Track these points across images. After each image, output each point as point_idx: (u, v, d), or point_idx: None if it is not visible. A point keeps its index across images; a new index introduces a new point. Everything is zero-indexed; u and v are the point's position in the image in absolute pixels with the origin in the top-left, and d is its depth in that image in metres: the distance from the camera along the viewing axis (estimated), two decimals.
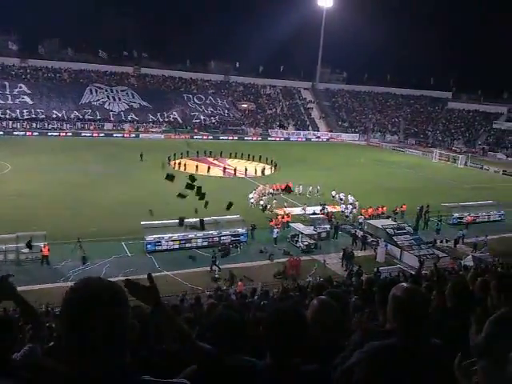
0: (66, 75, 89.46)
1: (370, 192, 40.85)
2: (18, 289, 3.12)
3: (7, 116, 73.85)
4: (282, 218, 31.33)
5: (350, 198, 37.74)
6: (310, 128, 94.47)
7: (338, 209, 36.11)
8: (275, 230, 28.51)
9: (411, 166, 61.51)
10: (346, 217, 34.79)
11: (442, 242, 29.94)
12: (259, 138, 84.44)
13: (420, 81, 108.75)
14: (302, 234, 28.47)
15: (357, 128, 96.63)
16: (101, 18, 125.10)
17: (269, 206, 34.87)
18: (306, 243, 28.04)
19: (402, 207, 35.65)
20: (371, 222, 31.70)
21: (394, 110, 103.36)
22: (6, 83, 79.92)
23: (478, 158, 73.25)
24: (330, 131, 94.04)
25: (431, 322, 3.78)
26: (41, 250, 23.38)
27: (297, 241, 28.47)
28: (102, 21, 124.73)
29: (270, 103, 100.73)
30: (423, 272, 21.77)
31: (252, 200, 36.38)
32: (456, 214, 35.12)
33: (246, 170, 49.17)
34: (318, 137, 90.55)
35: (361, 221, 33.27)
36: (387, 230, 29.09)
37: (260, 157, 56.37)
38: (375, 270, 22.96)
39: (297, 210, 34.77)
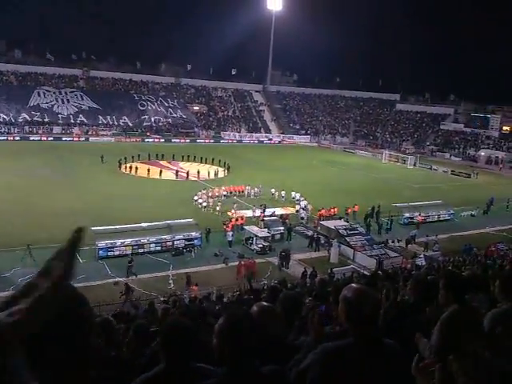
0: (13, 78, 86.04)
1: (322, 193, 41.35)
2: None
3: None
4: (236, 220, 31.23)
5: (295, 195, 38.36)
6: (262, 130, 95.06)
7: (291, 210, 36.34)
8: (229, 233, 28.39)
9: (361, 166, 63.01)
10: (297, 211, 35.24)
11: (393, 241, 30.59)
12: (211, 141, 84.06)
13: (368, 83, 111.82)
14: (256, 236, 28.45)
15: (308, 130, 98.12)
16: (49, 19, 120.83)
17: (217, 208, 34.67)
18: (261, 246, 28.03)
19: (354, 208, 36.11)
20: (324, 222, 32.01)
21: (344, 112, 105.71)
22: None
23: (426, 158, 75.70)
24: (282, 133, 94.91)
25: (387, 321, 3.84)
26: None
27: (251, 243, 28.43)
28: (49, 23, 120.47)
29: (222, 106, 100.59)
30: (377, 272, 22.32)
31: (200, 200, 36.30)
32: (407, 214, 35.85)
33: (198, 172, 48.85)
34: (270, 139, 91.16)
35: (302, 215, 33.80)
36: (340, 230, 29.52)
37: (213, 159, 56.01)
38: (329, 270, 23.25)
39: (249, 213, 34.60)
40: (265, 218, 32.10)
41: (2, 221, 29.29)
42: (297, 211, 35.47)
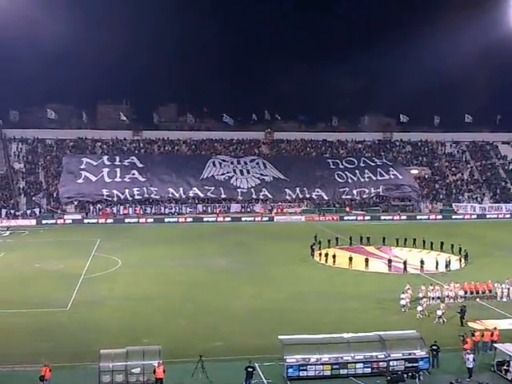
0: (185, 147, 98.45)
1: None
2: None
3: (115, 198, 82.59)
4: (482, 335, 28.92)
5: None
6: None
7: None
8: (469, 357, 26.16)
9: None
10: None
11: None
12: (439, 217, 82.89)
13: None
14: None
15: None
16: (223, 76, 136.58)
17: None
18: None
19: None
20: None
21: None
22: (117, 158, 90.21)
23: None
24: None
25: None
26: (154, 371, 24.37)
27: (507, 370, 25.82)
28: (224, 80, 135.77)
29: (453, 166, 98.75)
30: None
31: (403, 301, 35.36)
32: None
33: (422, 262, 47.43)
34: None
35: None
36: None
37: (442, 243, 54.83)
38: None
39: (505, 323, 32.24)
40: None
41: (168, 323, 32.37)
42: None
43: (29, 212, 79.18)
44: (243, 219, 79.97)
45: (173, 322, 32.79)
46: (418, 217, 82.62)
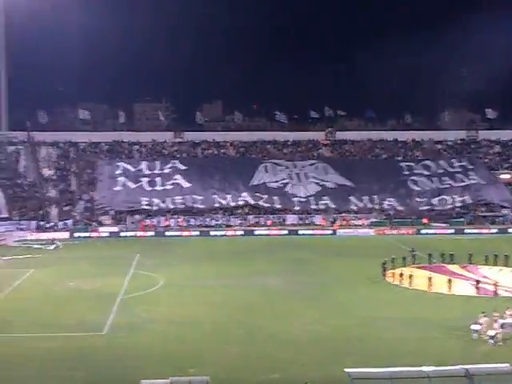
0: (232, 149, 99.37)
1: None
2: None
3: (154, 207, 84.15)
4: None
5: None
6: None
7: None
8: None
9: None
10: None
11: None
12: None
13: None
14: None
15: None
16: (276, 68, 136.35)
17: None
18: None
19: None
20: None
21: None
22: (157, 163, 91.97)
23: None
24: None
25: None
26: None
27: None
28: (277, 72, 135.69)
29: None
30: None
31: (476, 327, 34.26)
32: None
33: None
34: None
35: None
36: None
37: None
38: None
39: None
40: None
41: (217, 351, 32.51)
42: None
43: (60, 224, 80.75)
44: (301, 232, 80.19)
45: (223, 349, 32.88)
46: (511, 230, 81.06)
